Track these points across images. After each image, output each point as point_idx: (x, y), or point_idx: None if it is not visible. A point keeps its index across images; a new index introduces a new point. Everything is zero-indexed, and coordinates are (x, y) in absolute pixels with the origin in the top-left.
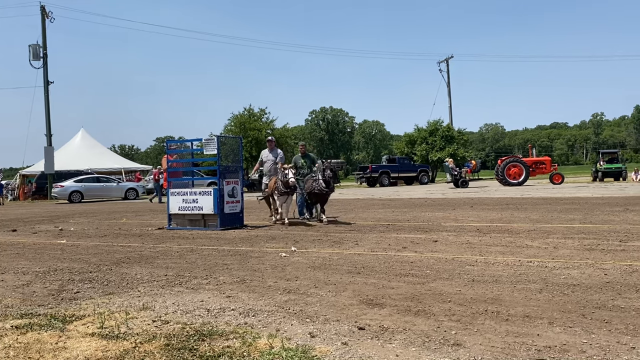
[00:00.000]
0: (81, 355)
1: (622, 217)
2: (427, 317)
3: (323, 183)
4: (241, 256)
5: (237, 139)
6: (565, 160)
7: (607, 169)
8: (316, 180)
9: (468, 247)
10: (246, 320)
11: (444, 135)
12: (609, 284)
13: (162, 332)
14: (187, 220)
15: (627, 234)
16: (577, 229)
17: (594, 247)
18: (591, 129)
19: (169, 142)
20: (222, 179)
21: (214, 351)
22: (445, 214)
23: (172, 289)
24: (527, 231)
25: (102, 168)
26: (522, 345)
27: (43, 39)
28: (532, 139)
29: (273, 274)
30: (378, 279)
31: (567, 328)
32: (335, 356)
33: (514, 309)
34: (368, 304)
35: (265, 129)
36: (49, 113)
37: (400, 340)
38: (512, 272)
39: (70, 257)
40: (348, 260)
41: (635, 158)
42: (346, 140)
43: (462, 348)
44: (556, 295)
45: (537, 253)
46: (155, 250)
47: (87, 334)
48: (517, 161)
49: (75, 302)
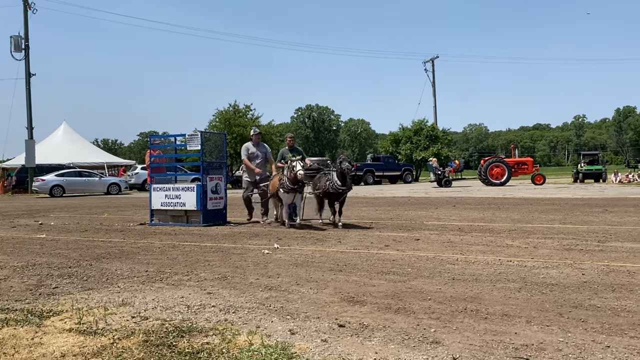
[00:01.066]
0: (57, 351)
1: (601, 218)
2: (407, 315)
3: (339, 181)
4: (223, 253)
5: (221, 135)
6: (547, 162)
7: (587, 171)
8: (330, 179)
9: (449, 245)
10: (226, 316)
11: (429, 134)
12: (586, 284)
13: (141, 328)
14: (169, 216)
15: (605, 235)
16: (556, 229)
17: (573, 247)
18: (573, 131)
19: (152, 137)
20: (206, 175)
21: (193, 347)
22: (428, 212)
23: (153, 285)
24: (508, 231)
25: (85, 162)
26: (500, 343)
27: (25, 30)
28: (515, 139)
29: (255, 270)
30: (360, 277)
31: (545, 327)
32: (314, 353)
33: (493, 308)
34: (349, 302)
35: (250, 125)
36: (31, 105)
37: (379, 337)
38: (492, 271)
39: (50, 252)
40: (330, 258)
41: (615, 160)
42: (331, 138)
43: (441, 346)
44: (534, 294)
45: (517, 252)
46: (136, 245)
47: (64, 330)
48: (500, 161)
49: (54, 297)
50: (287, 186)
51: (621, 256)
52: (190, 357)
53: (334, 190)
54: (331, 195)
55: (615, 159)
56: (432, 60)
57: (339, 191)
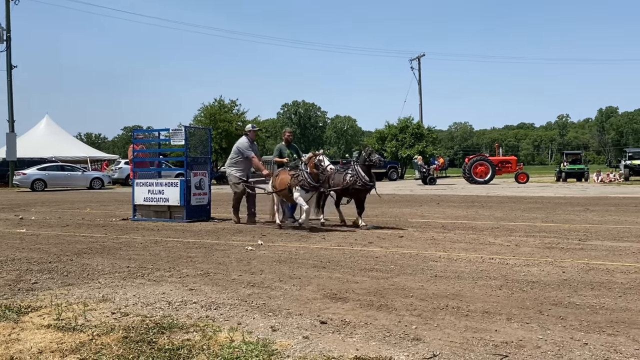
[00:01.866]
0: (34, 348)
1: (583, 216)
2: (389, 312)
3: (366, 175)
4: (206, 249)
5: (206, 130)
6: (530, 160)
7: (570, 170)
8: (354, 174)
9: (432, 243)
10: (208, 313)
11: (414, 132)
12: (566, 282)
13: (121, 325)
14: (152, 212)
15: (586, 233)
16: (538, 227)
17: (554, 245)
18: (556, 131)
19: (136, 131)
20: (190, 171)
21: (173, 344)
22: (412, 210)
23: (134, 281)
24: (491, 229)
25: (67, 156)
26: (480, 340)
27: (7, 22)
28: (499, 138)
29: (238, 267)
30: (343, 274)
31: (524, 324)
32: (295, 350)
33: (474, 305)
34: (331, 298)
35: (236, 120)
36: (12, 98)
37: (361, 334)
38: (474, 268)
39: (30, 247)
40: (314, 255)
41: (598, 160)
42: (318, 135)
43: (422, 343)
44: (515, 291)
45: (499, 250)
46: (118, 241)
47: (42, 326)
48: (484, 160)
49: (33, 292)
50: (309, 183)
51: (601, 254)
52: (171, 353)
53: (361, 185)
54: (359, 192)
55: (597, 158)
56: (418, 58)
57: (367, 187)
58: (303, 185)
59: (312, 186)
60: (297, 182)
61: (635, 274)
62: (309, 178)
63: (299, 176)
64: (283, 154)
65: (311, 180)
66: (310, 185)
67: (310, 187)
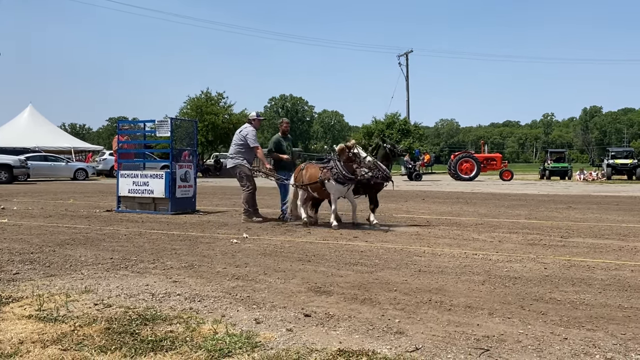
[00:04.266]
0: (15, 338)
1: (565, 214)
2: (373, 306)
3: (387, 169)
4: (191, 241)
5: (192, 122)
6: (515, 158)
7: (554, 168)
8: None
9: (417, 238)
10: (192, 305)
11: (401, 128)
12: (547, 278)
13: (104, 316)
14: (136, 203)
15: (568, 230)
16: (522, 224)
17: (537, 242)
18: (541, 129)
19: (120, 122)
20: (175, 163)
21: (156, 336)
22: (398, 205)
23: (117, 273)
24: (475, 225)
25: (51, 146)
26: (462, 334)
27: None
28: (485, 135)
29: (223, 260)
30: (327, 267)
31: (506, 319)
32: (279, 342)
33: (457, 300)
34: (316, 292)
35: (223, 113)
36: None
37: (344, 327)
38: (457, 263)
39: (11, 237)
40: (299, 248)
41: (581, 158)
42: (305, 129)
43: (405, 336)
44: (498, 287)
45: (483, 246)
46: (102, 232)
47: (23, 316)
48: (470, 157)
49: (14, 283)
50: (344, 176)
51: (582, 251)
52: (153, 345)
53: (382, 179)
54: (377, 186)
55: (580, 157)
56: (406, 54)
57: (387, 180)
58: (338, 178)
59: (347, 178)
60: (331, 175)
61: (615, 271)
62: (344, 170)
63: (332, 169)
64: (282, 147)
65: (347, 173)
66: (346, 178)
67: (346, 180)
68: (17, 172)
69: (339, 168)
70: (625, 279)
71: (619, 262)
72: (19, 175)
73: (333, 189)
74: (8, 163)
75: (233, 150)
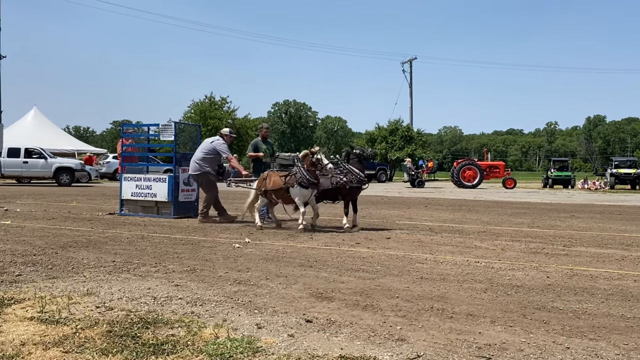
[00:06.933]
0: (17, 340)
1: (568, 223)
2: (375, 312)
3: (361, 173)
4: (193, 245)
5: (196, 127)
6: (518, 166)
7: (557, 177)
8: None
9: (419, 245)
10: (193, 309)
11: (404, 135)
12: (550, 286)
13: (105, 319)
14: (139, 207)
15: (570, 239)
16: (524, 232)
17: (539, 250)
18: (545, 137)
19: (124, 125)
20: (179, 167)
21: (158, 339)
22: (400, 212)
23: (119, 276)
24: (477, 232)
25: (55, 149)
26: (464, 342)
27: None
28: (488, 143)
29: (224, 264)
30: (329, 273)
31: (508, 327)
32: (280, 347)
33: (459, 307)
34: (317, 297)
35: (226, 118)
36: (0, 88)
37: (346, 333)
38: (459, 271)
39: (14, 239)
40: (301, 254)
41: (584, 167)
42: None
43: (406, 343)
44: (500, 295)
45: (485, 254)
46: (104, 235)
47: (25, 318)
48: (473, 164)
49: (16, 285)
50: (307, 179)
51: (585, 261)
52: (155, 348)
53: (358, 183)
54: (353, 191)
55: (584, 166)
56: (410, 61)
57: (362, 183)
58: (302, 183)
59: (311, 182)
60: (294, 180)
61: (618, 281)
62: (307, 175)
63: (296, 174)
64: (259, 149)
65: (310, 177)
66: (310, 182)
67: (309, 184)
68: (78, 175)
69: (302, 173)
70: (628, 289)
71: (622, 271)
72: (80, 178)
73: (298, 194)
74: (70, 166)
75: (199, 157)
